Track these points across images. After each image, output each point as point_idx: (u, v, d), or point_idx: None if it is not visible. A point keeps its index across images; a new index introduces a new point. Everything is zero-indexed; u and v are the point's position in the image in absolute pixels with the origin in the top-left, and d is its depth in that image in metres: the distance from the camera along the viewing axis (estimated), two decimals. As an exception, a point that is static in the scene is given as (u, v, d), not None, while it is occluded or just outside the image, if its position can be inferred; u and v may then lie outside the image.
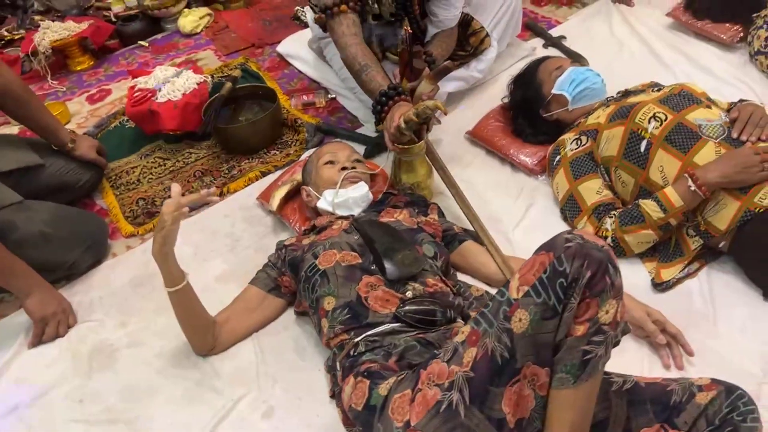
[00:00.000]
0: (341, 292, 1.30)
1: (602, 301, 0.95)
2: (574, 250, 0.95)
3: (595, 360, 0.97)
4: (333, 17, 1.72)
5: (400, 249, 1.34)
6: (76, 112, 2.47)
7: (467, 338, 1.04)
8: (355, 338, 1.24)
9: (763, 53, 2.01)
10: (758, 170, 1.37)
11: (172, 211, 1.22)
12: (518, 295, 0.97)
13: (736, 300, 1.41)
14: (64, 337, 1.56)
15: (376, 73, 1.66)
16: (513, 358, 0.98)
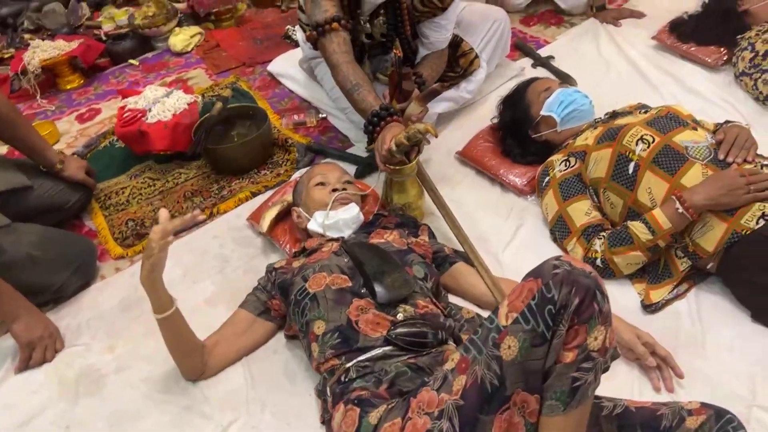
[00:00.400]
0: (331, 315, 1.30)
1: (591, 327, 0.96)
2: (561, 277, 0.95)
3: (585, 387, 0.97)
4: (324, 35, 1.73)
5: (390, 271, 1.34)
6: (65, 132, 2.46)
7: (457, 366, 1.04)
8: (346, 363, 1.23)
9: (747, 74, 2.04)
10: (744, 192, 1.38)
11: (159, 238, 1.21)
12: (507, 322, 0.98)
13: (725, 321, 1.42)
14: (51, 362, 1.55)
15: (367, 92, 1.66)
16: (503, 386, 0.98)
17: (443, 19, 1.96)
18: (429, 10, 1.90)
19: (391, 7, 1.89)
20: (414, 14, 1.92)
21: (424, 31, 1.99)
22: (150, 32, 2.90)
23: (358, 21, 1.88)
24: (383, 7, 1.88)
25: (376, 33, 1.94)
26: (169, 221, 1.23)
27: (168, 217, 1.23)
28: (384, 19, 1.92)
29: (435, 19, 1.95)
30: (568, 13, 2.73)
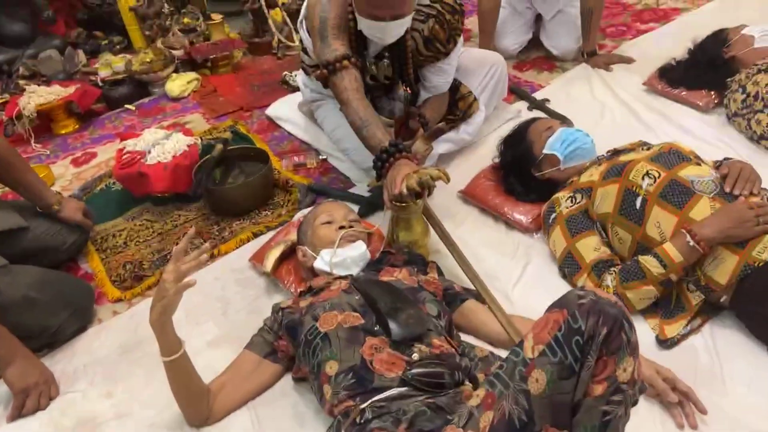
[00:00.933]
0: (344, 355, 1.25)
1: (619, 359, 0.94)
2: (588, 307, 0.94)
3: (616, 420, 0.95)
4: (335, 73, 1.75)
5: (403, 308, 1.31)
6: (60, 176, 2.44)
7: (483, 402, 1.00)
8: (361, 404, 1.18)
9: (740, 115, 2.09)
10: (753, 224, 1.39)
11: (173, 279, 1.18)
12: (534, 355, 0.95)
13: (742, 356, 1.40)
14: (45, 409, 1.47)
15: (377, 128, 1.68)
16: (531, 421, 0.95)
17: (445, 64, 2.00)
18: (432, 54, 1.95)
19: (396, 50, 1.92)
20: (418, 58, 1.96)
21: (427, 75, 2.03)
22: (147, 78, 2.92)
23: (364, 62, 1.91)
24: (388, 49, 1.91)
25: (380, 75, 1.97)
26: (183, 261, 1.20)
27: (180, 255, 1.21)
28: (388, 62, 1.96)
29: (437, 64, 1.99)
30: (560, 59, 2.80)
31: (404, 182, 1.51)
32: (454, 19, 1.91)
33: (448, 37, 1.93)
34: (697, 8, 3.09)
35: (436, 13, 1.87)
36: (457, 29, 1.95)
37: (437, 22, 1.88)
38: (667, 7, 3.15)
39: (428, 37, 1.90)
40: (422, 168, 1.55)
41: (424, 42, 1.91)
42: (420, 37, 1.90)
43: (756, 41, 2.20)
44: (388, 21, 1.74)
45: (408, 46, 1.92)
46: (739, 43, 2.23)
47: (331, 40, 1.79)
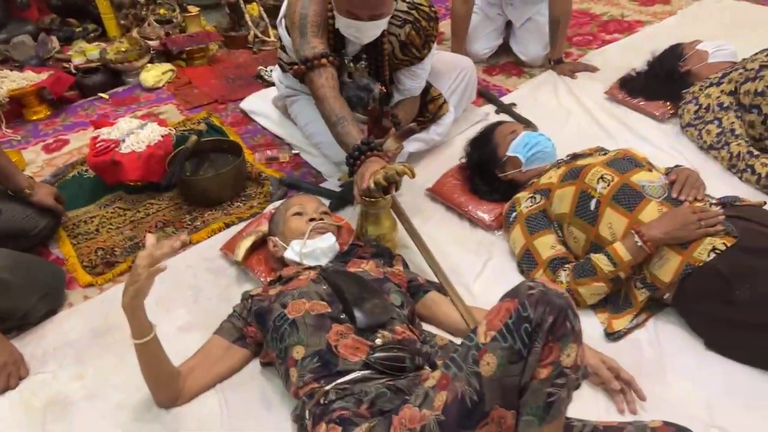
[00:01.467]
0: (311, 341, 1.32)
1: (564, 345, 1.01)
2: (537, 297, 1.01)
3: (559, 402, 1.02)
4: (313, 69, 1.80)
5: (369, 298, 1.38)
6: (31, 161, 2.44)
7: (438, 383, 1.08)
8: (326, 386, 1.25)
9: (692, 125, 2.21)
10: (696, 227, 1.49)
11: (146, 264, 1.22)
12: (486, 340, 1.02)
13: (682, 349, 1.50)
14: (14, 389, 1.50)
15: (351, 126, 1.73)
16: (482, 401, 1.02)
17: (419, 68, 2.08)
18: (408, 58, 2.02)
19: (373, 52, 1.99)
20: (393, 61, 2.03)
21: (401, 78, 2.10)
22: (122, 67, 2.93)
23: (342, 60, 1.97)
24: (366, 51, 1.98)
25: (357, 76, 2.04)
26: (156, 247, 1.24)
27: (154, 243, 1.25)
28: (366, 63, 2.02)
29: (412, 68, 2.07)
30: (528, 65, 2.90)
31: (372, 178, 1.58)
32: (429, 26, 1.99)
33: (423, 43, 2.01)
34: (659, 21, 3.22)
35: (413, 19, 1.95)
36: (432, 36, 2.03)
37: (414, 28, 1.95)
38: (632, 19, 3.27)
39: (404, 41, 1.97)
40: (390, 165, 1.62)
41: (400, 46, 1.98)
42: (396, 41, 1.97)
43: (710, 56, 2.33)
44: (365, 21, 1.81)
45: (385, 49, 1.99)
46: (694, 58, 2.35)
47: (310, 38, 1.84)
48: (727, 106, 2.12)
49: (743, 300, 1.40)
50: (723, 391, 1.38)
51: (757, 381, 1.40)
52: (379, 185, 1.58)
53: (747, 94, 2.08)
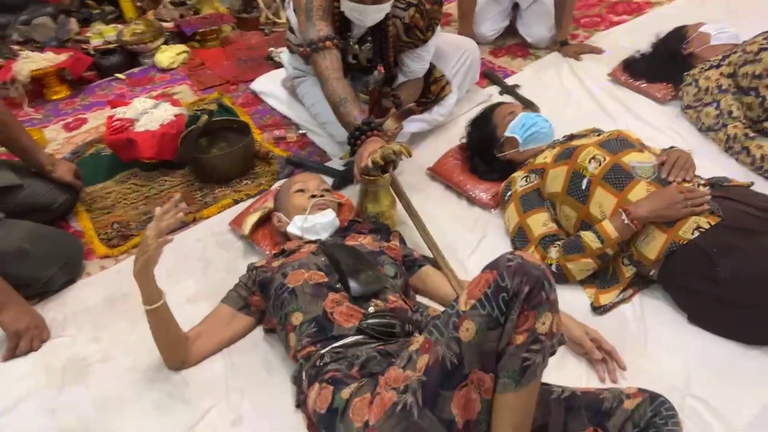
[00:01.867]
0: (309, 308, 1.41)
1: (539, 313, 1.08)
2: (514, 269, 1.08)
3: (534, 366, 1.10)
4: (318, 52, 1.87)
5: (363, 269, 1.46)
6: (51, 139, 2.55)
7: (421, 347, 1.16)
8: (321, 350, 1.34)
9: (692, 107, 2.24)
10: (682, 207, 1.54)
11: (155, 236, 1.33)
12: (466, 308, 1.10)
13: (665, 323, 1.57)
14: (37, 351, 1.62)
15: (353, 107, 1.80)
16: (461, 365, 1.09)
17: (423, 51, 2.14)
18: (412, 41, 2.08)
19: (378, 34, 2.05)
20: (398, 44, 2.09)
21: (405, 60, 2.16)
22: (137, 48, 3.02)
23: (348, 42, 2.04)
24: (371, 33, 2.04)
25: (362, 58, 2.10)
26: (162, 219, 1.34)
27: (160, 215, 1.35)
28: (371, 46, 2.09)
29: (416, 50, 2.13)
30: (534, 47, 2.93)
31: (370, 157, 1.65)
32: (433, 9, 2.04)
33: (427, 26, 2.06)
34: (669, 3, 3.22)
35: (417, 2, 2.00)
36: (436, 18, 2.08)
37: (418, 11, 2.01)
38: (641, 0, 3.27)
39: (409, 24, 2.02)
40: (388, 144, 1.69)
41: (404, 29, 2.04)
42: (401, 24, 2.03)
43: (712, 39, 2.34)
44: (369, 4, 1.87)
45: (389, 32, 2.05)
46: (697, 40, 2.37)
47: (315, 21, 1.91)
48: (725, 89, 2.15)
49: (724, 276, 1.46)
50: (701, 363, 1.45)
51: (734, 354, 1.46)
52: (377, 164, 1.66)
53: (745, 76, 2.11)
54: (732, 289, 1.45)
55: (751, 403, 1.35)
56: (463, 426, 1.11)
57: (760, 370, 1.42)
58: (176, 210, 1.38)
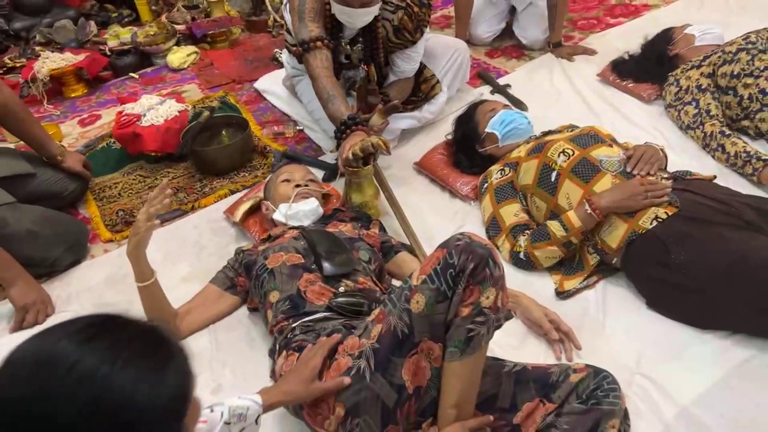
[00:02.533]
0: (285, 287, 1.52)
1: (483, 288, 1.17)
2: (462, 247, 1.17)
3: (479, 337, 1.19)
4: (309, 51, 1.99)
5: (337, 252, 1.57)
6: (67, 134, 2.72)
7: (376, 317, 1.26)
8: (293, 324, 1.46)
9: (673, 106, 2.31)
10: (642, 198, 1.62)
11: (145, 219, 1.46)
12: (417, 282, 1.20)
13: (624, 308, 1.64)
14: (42, 324, 1.76)
15: (340, 103, 1.92)
16: (411, 334, 1.19)
17: (412, 51, 2.25)
18: (401, 42, 2.19)
19: (368, 35, 2.17)
20: (388, 45, 2.20)
21: (396, 60, 2.27)
22: (150, 49, 3.18)
23: (339, 43, 2.16)
24: (361, 35, 2.16)
25: (354, 58, 2.22)
26: (152, 204, 1.48)
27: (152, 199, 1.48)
28: (362, 46, 2.20)
29: (406, 51, 2.24)
30: (528, 48, 3.02)
31: (351, 149, 1.77)
32: (421, 12, 2.15)
33: (416, 28, 2.17)
34: (666, 5, 3.28)
35: (406, 5, 2.11)
36: (424, 21, 2.18)
37: (406, 14, 2.12)
38: (639, 3, 3.34)
39: (397, 26, 2.13)
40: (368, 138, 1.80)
41: (393, 30, 2.15)
42: (390, 25, 2.14)
43: (697, 40, 2.41)
44: (356, 7, 1.98)
45: (379, 34, 2.17)
46: (682, 42, 2.44)
47: (308, 22, 2.03)
48: (704, 88, 2.21)
49: (678, 263, 1.53)
50: (654, 345, 1.53)
51: (688, 338, 1.54)
52: (357, 155, 1.77)
53: (724, 76, 2.17)
54: (684, 275, 1.52)
55: (698, 383, 1.42)
56: (414, 391, 1.21)
57: (710, 352, 1.49)
58: (163, 195, 1.50)
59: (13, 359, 0.72)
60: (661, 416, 1.36)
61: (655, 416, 1.36)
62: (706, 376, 1.43)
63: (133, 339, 0.75)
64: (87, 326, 0.75)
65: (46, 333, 0.75)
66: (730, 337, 1.51)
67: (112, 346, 0.72)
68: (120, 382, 0.70)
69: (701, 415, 1.35)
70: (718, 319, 1.53)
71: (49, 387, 0.68)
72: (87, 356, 0.70)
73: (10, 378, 0.70)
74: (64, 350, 0.70)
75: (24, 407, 0.68)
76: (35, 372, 0.70)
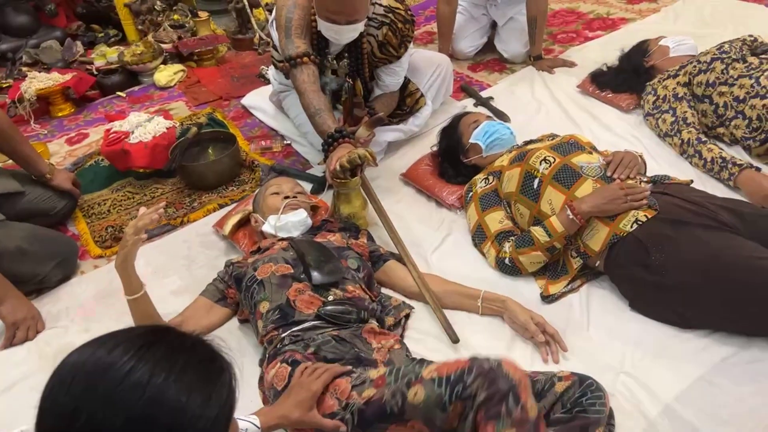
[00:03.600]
0: (274, 297, 1.54)
1: (499, 426, 1.05)
2: (483, 371, 1.09)
3: None
4: (296, 66, 2.04)
5: (326, 261, 1.60)
6: (55, 152, 2.73)
7: (376, 379, 1.23)
8: (282, 333, 1.48)
9: (651, 114, 2.37)
10: (622, 202, 1.67)
11: (132, 233, 1.48)
12: (426, 376, 1.15)
13: (608, 310, 1.68)
14: (32, 340, 1.77)
15: (327, 117, 1.97)
16: (401, 415, 1.16)
17: (397, 66, 2.30)
18: (386, 57, 2.24)
19: (354, 51, 2.22)
20: (373, 59, 2.25)
21: (381, 75, 2.32)
22: (137, 68, 3.21)
23: (326, 59, 2.20)
24: (347, 50, 2.20)
25: (340, 73, 2.27)
26: (140, 219, 1.50)
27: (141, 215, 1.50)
28: (348, 61, 2.25)
29: (390, 66, 2.28)
30: (510, 62, 3.09)
31: (338, 161, 1.80)
32: (405, 28, 2.20)
33: (400, 43, 2.22)
34: (642, 19, 3.37)
35: (390, 21, 2.16)
36: (408, 36, 2.23)
37: (390, 30, 2.17)
38: (616, 17, 3.42)
39: (382, 42, 2.18)
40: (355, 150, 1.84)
41: (378, 46, 2.20)
42: (375, 41, 2.19)
43: (671, 51, 2.48)
44: (342, 24, 2.03)
45: (364, 49, 2.22)
46: (657, 53, 2.51)
47: (294, 38, 2.08)
48: (681, 97, 2.28)
49: (657, 264, 1.58)
50: (636, 345, 1.56)
51: (669, 337, 1.57)
52: (344, 167, 1.81)
53: (699, 84, 2.24)
54: (664, 275, 1.57)
55: (680, 380, 1.46)
56: None
57: (691, 350, 1.53)
58: (155, 211, 1.52)
59: (67, 365, 0.73)
60: (645, 413, 1.39)
61: (640, 413, 1.39)
62: (687, 374, 1.47)
63: (187, 351, 0.76)
64: (141, 336, 0.76)
65: (100, 341, 0.76)
66: (710, 335, 1.55)
67: (167, 356, 0.73)
68: (173, 392, 0.70)
69: (683, 412, 1.38)
70: (697, 317, 1.57)
71: (102, 393, 0.69)
72: (141, 365, 0.70)
73: (64, 384, 0.71)
74: (119, 358, 0.71)
75: (78, 413, 0.69)
76: (90, 378, 0.71)
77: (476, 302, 1.68)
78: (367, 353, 1.44)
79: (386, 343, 1.48)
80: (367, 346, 1.47)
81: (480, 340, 1.62)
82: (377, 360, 1.42)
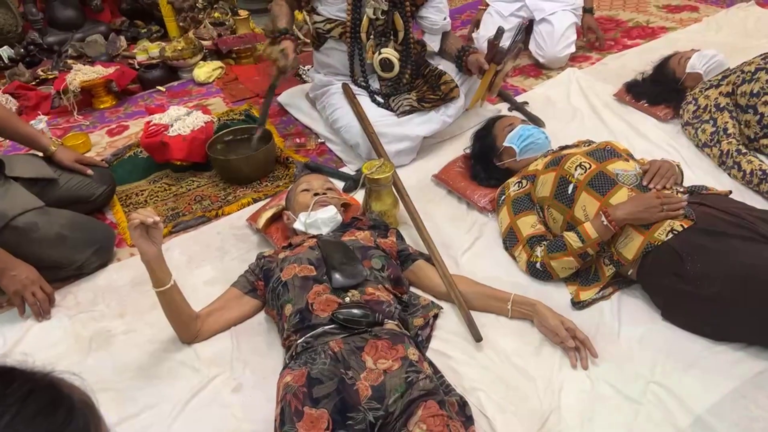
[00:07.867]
0: (297, 299, 1.54)
1: None
2: None
3: None
4: None
5: (348, 263, 1.60)
6: (96, 143, 2.80)
7: None
8: (298, 340, 1.48)
9: (690, 124, 2.34)
10: (658, 211, 1.65)
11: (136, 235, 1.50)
12: None
13: (639, 319, 1.66)
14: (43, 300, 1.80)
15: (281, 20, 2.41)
16: None
17: (440, 2, 2.40)
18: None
19: None
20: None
21: (425, 15, 2.41)
22: (177, 64, 3.28)
23: None
24: None
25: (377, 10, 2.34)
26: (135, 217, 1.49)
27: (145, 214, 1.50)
28: None
29: (433, 2, 2.38)
30: (546, 68, 3.07)
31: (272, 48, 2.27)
32: None
33: None
34: (683, 28, 3.32)
35: None
36: None
37: None
38: (656, 25, 3.38)
39: None
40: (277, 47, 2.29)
41: None
42: None
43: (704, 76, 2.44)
44: None
45: None
46: (689, 79, 2.47)
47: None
48: (723, 107, 2.24)
49: (691, 274, 1.55)
50: (668, 355, 1.54)
51: (702, 348, 1.55)
52: (269, 57, 2.29)
53: (744, 95, 2.20)
54: (699, 286, 1.54)
55: (713, 392, 1.43)
56: None
57: (724, 363, 1.50)
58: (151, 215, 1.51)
59: None
60: (676, 424, 1.37)
61: (670, 424, 1.37)
62: (720, 386, 1.44)
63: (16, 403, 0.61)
64: None
65: None
66: (744, 348, 1.52)
67: None
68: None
69: (716, 424, 1.35)
70: (732, 330, 1.54)
71: None
72: None
73: None
74: None
75: None
76: None
77: (506, 305, 1.67)
78: (353, 377, 1.36)
79: (382, 365, 1.39)
80: (360, 364, 1.38)
81: (508, 342, 1.61)
82: (359, 390, 1.34)
